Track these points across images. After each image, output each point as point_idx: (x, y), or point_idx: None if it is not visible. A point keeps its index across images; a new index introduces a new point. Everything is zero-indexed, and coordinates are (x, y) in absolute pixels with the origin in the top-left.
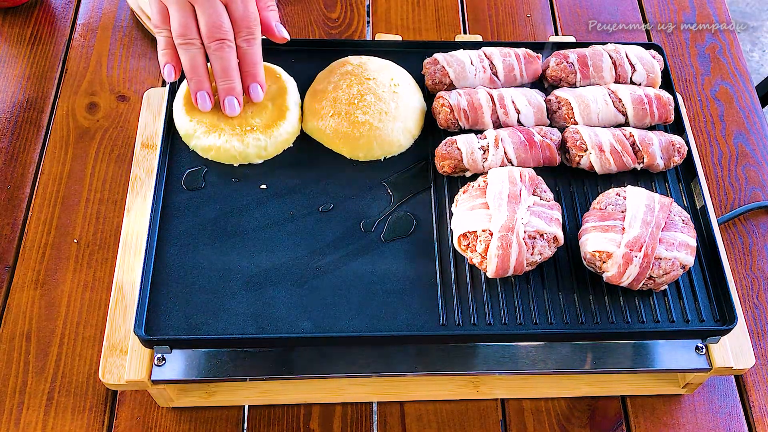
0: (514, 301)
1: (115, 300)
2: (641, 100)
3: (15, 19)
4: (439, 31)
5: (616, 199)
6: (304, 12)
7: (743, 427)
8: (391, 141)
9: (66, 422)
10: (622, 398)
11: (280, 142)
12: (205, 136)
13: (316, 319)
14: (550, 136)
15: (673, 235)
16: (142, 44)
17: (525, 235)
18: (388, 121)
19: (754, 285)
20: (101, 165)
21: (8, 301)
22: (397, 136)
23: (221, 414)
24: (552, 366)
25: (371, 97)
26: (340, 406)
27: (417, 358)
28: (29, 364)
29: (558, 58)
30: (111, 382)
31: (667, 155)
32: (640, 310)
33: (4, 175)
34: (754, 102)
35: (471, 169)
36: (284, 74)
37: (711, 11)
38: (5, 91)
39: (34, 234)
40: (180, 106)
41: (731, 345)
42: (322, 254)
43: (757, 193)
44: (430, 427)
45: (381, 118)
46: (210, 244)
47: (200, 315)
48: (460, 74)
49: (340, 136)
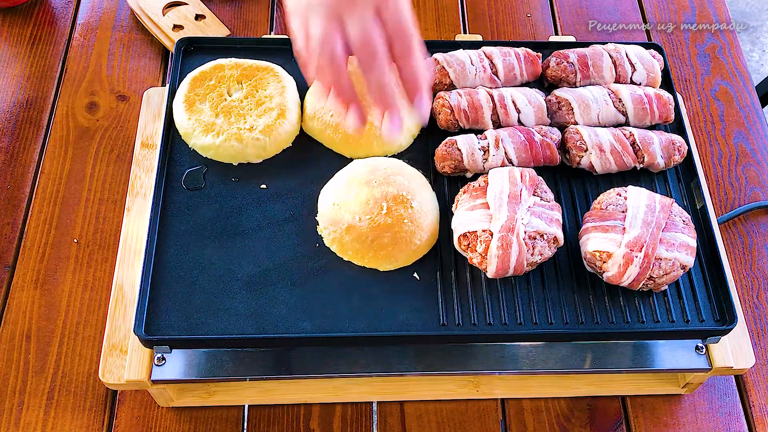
0: (514, 301)
1: (115, 300)
2: (641, 99)
3: (15, 19)
4: (439, 31)
5: (616, 199)
6: None
7: (743, 427)
8: (392, 140)
9: (66, 422)
10: (622, 398)
11: (280, 142)
12: (204, 135)
13: (316, 319)
14: (550, 135)
15: (674, 236)
16: (142, 44)
17: (525, 235)
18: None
19: (754, 285)
20: (101, 165)
21: (8, 300)
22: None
23: (221, 414)
24: (552, 366)
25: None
26: (340, 405)
27: (417, 358)
28: (29, 364)
29: (558, 58)
30: (111, 381)
31: (668, 154)
32: (640, 310)
33: (4, 174)
34: (754, 102)
35: (471, 169)
36: (283, 73)
37: (711, 11)
38: (5, 90)
39: (34, 234)
40: (180, 104)
41: (731, 345)
42: (323, 254)
43: (757, 193)
44: (430, 426)
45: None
46: (210, 244)
47: (200, 315)
48: (460, 74)
49: (341, 136)
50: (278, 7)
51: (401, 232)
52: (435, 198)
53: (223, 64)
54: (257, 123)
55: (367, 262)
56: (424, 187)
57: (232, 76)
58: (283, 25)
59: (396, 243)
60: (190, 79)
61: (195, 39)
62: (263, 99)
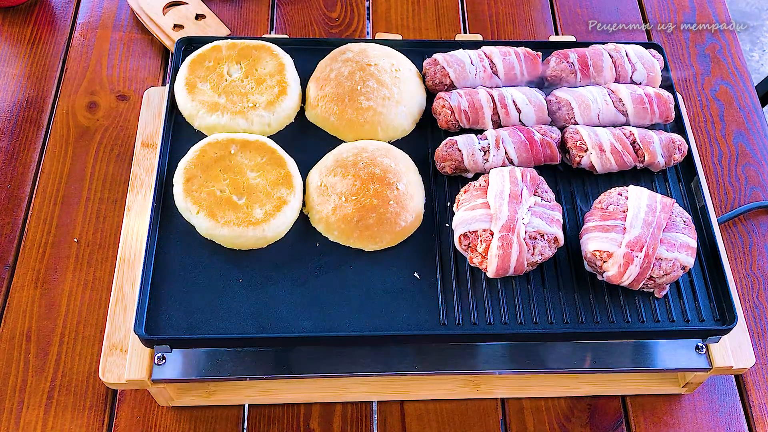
0: (514, 300)
1: (115, 299)
2: (641, 99)
3: (15, 19)
4: (439, 31)
5: (617, 199)
6: (305, 11)
7: (743, 426)
8: (395, 126)
9: (66, 421)
10: (622, 397)
11: (283, 118)
12: (209, 115)
13: (316, 319)
14: (550, 134)
15: (674, 236)
16: (142, 44)
17: (526, 235)
18: (392, 105)
19: (754, 285)
20: (101, 164)
21: (8, 300)
22: (400, 121)
23: (221, 413)
24: (552, 366)
25: (374, 83)
26: (340, 405)
27: (417, 357)
28: (29, 363)
29: (558, 58)
30: (111, 381)
31: (668, 153)
32: (641, 310)
33: (4, 174)
34: (754, 102)
35: (472, 169)
36: (280, 51)
37: (711, 11)
38: (5, 90)
39: (34, 233)
40: (182, 87)
41: (731, 344)
42: (323, 254)
43: (757, 193)
44: (430, 426)
45: (384, 103)
46: (210, 243)
47: (200, 314)
48: (460, 74)
49: (345, 122)
50: (278, 6)
51: (386, 213)
52: (421, 181)
53: (220, 45)
54: (260, 100)
55: (352, 242)
56: (411, 169)
57: (230, 56)
58: (282, 24)
59: (381, 224)
60: (189, 62)
61: (195, 38)
62: (263, 77)
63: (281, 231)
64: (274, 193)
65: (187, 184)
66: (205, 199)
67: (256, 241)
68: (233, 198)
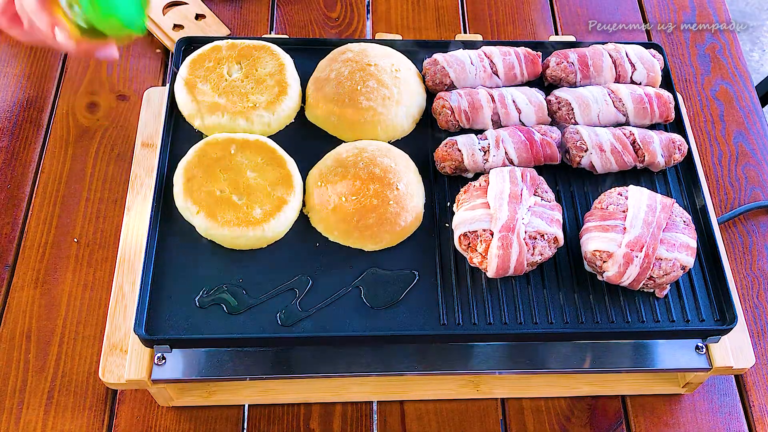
0: (514, 300)
1: (115, 299)
2: (641, 99)
3: None
4: (439, 31)
5: (617, 199)
6: (304, 11)
7: (743, 426)
8: (395, 126)
9: (66, 421)
10: (622, 398)
11: (283, 118)
12: (209, 115)
13: (316, 319)
14: (550, 134)
15: (674, 236)
16: (142, 44)
17: (525, 235)
18: (392, 105)
19: (754, 285)
20: (101, 164)
21: (8, 300)
22: (400, 121)
23: (221, 413)
24: (552, 365)
25: (374, 83)
26: (340, 405)
27: (417, 357)
28: (29, 363)
29: (558, 58)
30: (111, 381)
31: (668, 153)
32: (641, 310)
33: (4, 174)
34: (754, 102)
35: (472, 169)
36: (280, 51)
37: (711, 11)
38: (5, 90)
39: (34, 233)
40: (182, 87)
41: (731, 345)
42: (323, 253)
43: (757, 193)
44: (430, 426)
45: (384, 103)
46: (210, 243)
47: (200, 314)
48: (460, 74)
49: (345, 122)
50: (278, 6)
51: (386, 213)
52: (421, 181)
53: (220, 46)
54: (260, 100)
55: (352, 242)
56: (411, 169)
57: (230, 56)
58: (282, 24)
59: (381, 224)
60: (189, 61)
61: (195, 39)
62: (263, 77)
63: (281, 231)
64: (273, 193)
65: (187, 184)
66: (205, 199)
67: (256, 241)
68: (233, 198)
